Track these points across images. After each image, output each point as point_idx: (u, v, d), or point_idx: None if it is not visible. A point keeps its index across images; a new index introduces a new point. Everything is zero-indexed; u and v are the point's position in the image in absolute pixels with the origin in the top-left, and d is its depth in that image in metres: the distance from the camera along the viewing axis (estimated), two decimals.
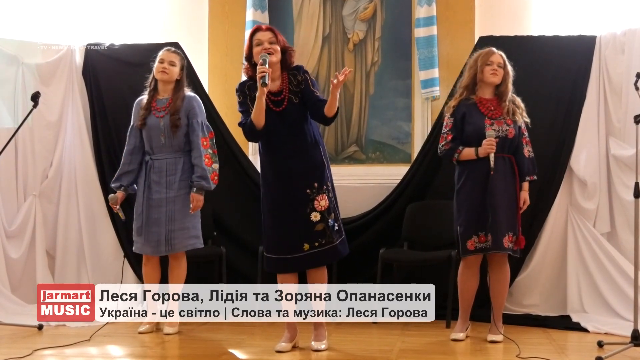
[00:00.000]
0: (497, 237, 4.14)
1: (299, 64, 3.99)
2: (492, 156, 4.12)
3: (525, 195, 4.26)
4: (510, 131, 4.20)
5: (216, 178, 4.43)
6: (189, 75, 4.92)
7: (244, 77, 4.08)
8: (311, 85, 3.90)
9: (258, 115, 3.78)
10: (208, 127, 4.49)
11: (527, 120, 4.31)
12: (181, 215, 4.36)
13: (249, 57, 3.90)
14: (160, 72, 4.41)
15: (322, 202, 3.86)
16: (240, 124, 3.93)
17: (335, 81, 3.65)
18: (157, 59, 4.45)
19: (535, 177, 4.29)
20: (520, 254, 4.37)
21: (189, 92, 4.52)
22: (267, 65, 3.71)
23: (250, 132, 3.85)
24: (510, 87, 4.28)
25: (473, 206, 4.18)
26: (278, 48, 3.84)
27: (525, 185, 4.27)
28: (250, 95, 3.87)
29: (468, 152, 4.21)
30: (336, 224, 3.90)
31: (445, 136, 4.31)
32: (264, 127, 3.82)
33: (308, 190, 3.85)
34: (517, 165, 4.24)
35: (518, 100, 4.32)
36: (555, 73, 5.06)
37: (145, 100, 4.46)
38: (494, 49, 4.31)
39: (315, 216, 3.84)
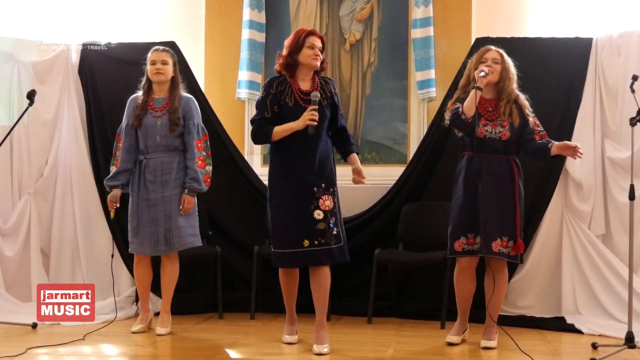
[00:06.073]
0: (485, 241, 4.04)
1: (328, 77, 4.22)
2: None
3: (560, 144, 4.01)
4: (505, 133, 4.11)
5: (209, 180, 4.43)
6: (185, 74, 4.92)
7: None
8: (338, 103, 4.12)
9: (280, 135, 3.94)
10: (203, 129, 4.48)
11: (532, 119, 4.14)
12: (179, 214, 4.34)
13: (293, 52, 3.98)
14: (156, 74, 4.40)
15: (327, 202, 3.95)
16: (252, 121, 4.04)
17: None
18: (149, 61, 4.44)
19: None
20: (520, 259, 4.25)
21: (185, 93, 4.51)
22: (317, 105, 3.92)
23: (262, 137, 4.03)
24: (511, 84, 4.14)
25: (464, 207, 4.12)
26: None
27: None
28: (277, 91, 3.97)
29: (470, 97, 3.99)
30: (335, 229, 3.96)
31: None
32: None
33: (315, 188, 3.94)
34: (537, 144, 4.07)
35: (522, 98, 4.19)
36: (552, 75, 5.05)
37: (141, 100, 4.44)
38: (491, 46, 4.22)
39: (318, 214, 3.92)
